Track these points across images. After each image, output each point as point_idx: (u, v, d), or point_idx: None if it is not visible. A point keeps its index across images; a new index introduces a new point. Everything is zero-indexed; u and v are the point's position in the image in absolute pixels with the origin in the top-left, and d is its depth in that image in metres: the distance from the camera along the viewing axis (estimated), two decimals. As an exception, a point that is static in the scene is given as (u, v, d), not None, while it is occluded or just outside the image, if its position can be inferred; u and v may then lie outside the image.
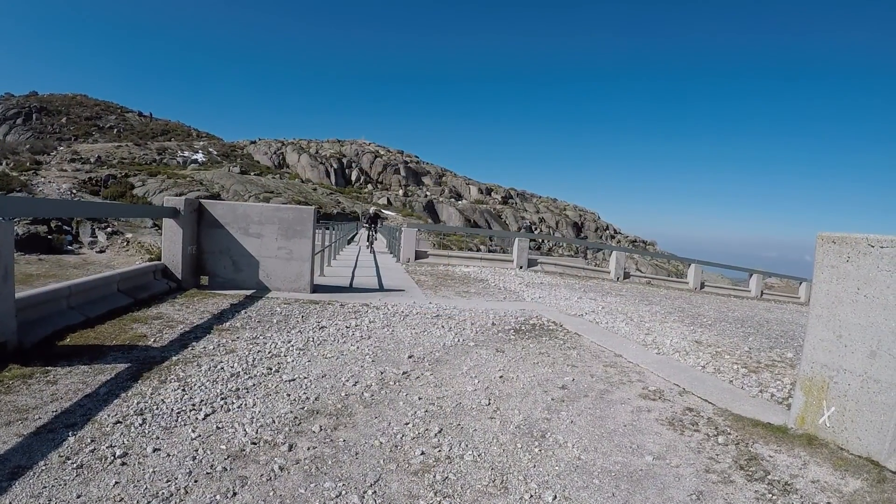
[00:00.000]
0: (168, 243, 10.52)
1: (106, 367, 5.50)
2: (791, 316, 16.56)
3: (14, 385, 4.85)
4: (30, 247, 20.83)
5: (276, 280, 11.12)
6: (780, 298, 27.02)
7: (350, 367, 6.18)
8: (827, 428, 4.69)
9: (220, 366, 5.82)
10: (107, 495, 3.26)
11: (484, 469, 3.94)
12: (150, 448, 3.87)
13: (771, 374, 7.29)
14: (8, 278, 5.61)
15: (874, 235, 4.49)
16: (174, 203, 10.43)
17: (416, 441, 4.35)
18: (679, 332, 10.06)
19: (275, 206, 11.46)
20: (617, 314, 11.72)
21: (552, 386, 6.01)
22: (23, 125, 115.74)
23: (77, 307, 7.38)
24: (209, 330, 7.36)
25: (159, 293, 9.58)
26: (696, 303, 17.10)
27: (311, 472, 3.72)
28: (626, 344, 8.44)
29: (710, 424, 5.12)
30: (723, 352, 8.54)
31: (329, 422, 4.61)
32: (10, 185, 38.67)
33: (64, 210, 16.49)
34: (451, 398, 5.37)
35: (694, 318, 12.70)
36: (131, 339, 6.61)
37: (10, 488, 3.25)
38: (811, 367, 4.88)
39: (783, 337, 11.10)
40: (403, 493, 3.55)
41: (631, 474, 4.02)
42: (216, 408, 4.71)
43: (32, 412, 4.33)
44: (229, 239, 10.98)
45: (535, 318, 9.98)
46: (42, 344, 6.13)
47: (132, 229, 29.52)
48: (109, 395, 4.80)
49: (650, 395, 5.93)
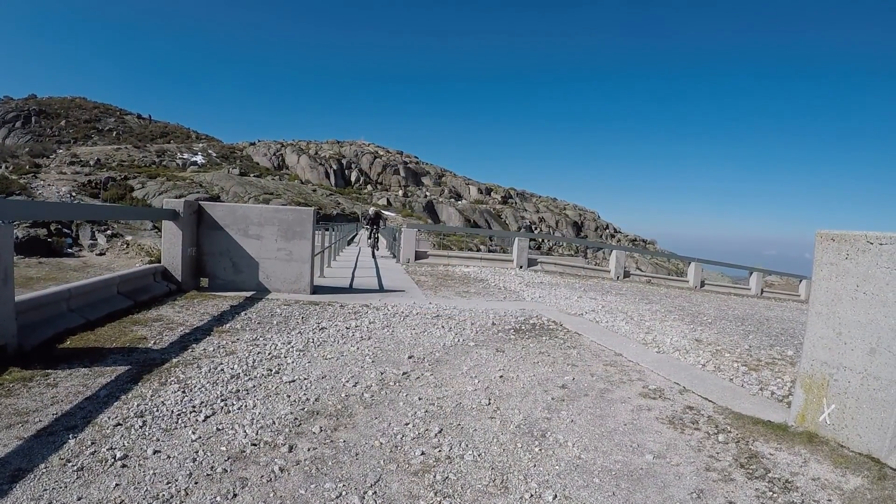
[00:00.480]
0: (168, 245, 10.52)
1: (106, 370, 5.50)
2: (791, 314, 16.57)
3: (14, 388, 4.85)
4: (30, 250, 20.84)
5: (275, 281, 11.12)
6: (780, 296, 27.02)
7: (350, 368, 6.18)
8: (827, 425, 4.69)
9: (220, 367, 5.82)
10: (107, 497, 3.26)
11: (484, 469, 3.94)
12: (150, 450, 3.87)
13: (771, 372, 7.29)
14: (8, 281, 5.61)
15: (873, 233, 4.49)
16: (174, 205, 10.43)
17: (416, 441, 4.35)
18: (679, 331, 10.06)
19: (274, 208, 11.47)
20: (617, 313, 11.72)
21: (552, 385, 6.01)
22: (22, 128, 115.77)
23: (77, 310, 7.38)
24: (209, 332, 7.36)
25: (159, 295, 9.58)
26: (696, 301, 17.11)
27: (311, 473, 3.72)
28: (626, 343, 8.43)
29: (711, 423, 5.12)
30: (723, 350, 8.54)
31: (329, 423, 4.61)
32: (10, 188, 38.70)
33: (63, 213, 16.50)
34: (452, 398, 5.37)
35: (694, 316, 12.70)
36: (131, 342, 6.62)
37: (10, 491, 3.25)
38: (811, 365, 4.89)
39: (783, 335, 11.11)
40: (404, 493, 3.55)
41: (631, 473, 4.02)
42: (216, 409, 4.71)
43: (33, 415, 4.33)
44: (229, 241, 10.97)
45: (536, 318, 9.99)
46: (42, 347, 6.13)
47: (132, 231, 29.54)
48: (110, 397, 4.80)
49: (650, 393, 5.93)
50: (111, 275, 9.10)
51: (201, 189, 60.86)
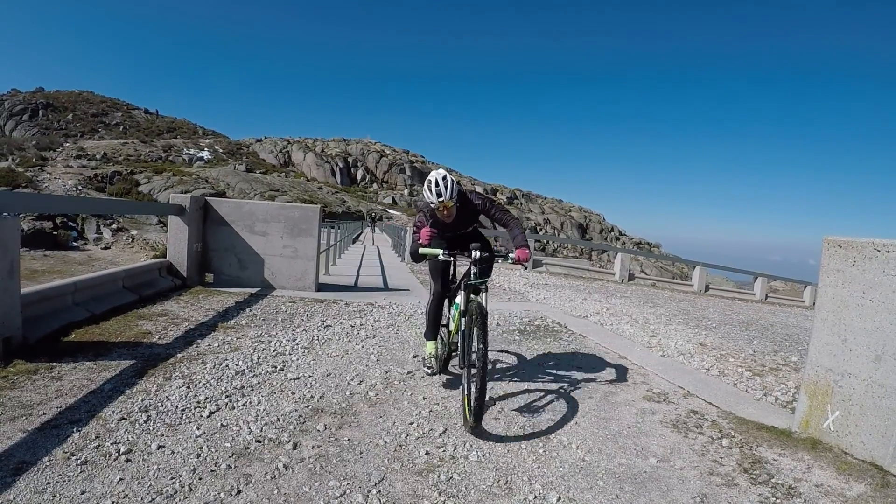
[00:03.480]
0: (173, 240, 10.55)
1: (111, 364, 5.52)
2: (796, 319, 16.52)
3: (19, 381, 4.87)
4: (35, 243, 20.86)
5: (281, 278, 11.15)
6: (785, 302, 26.94)
7: (355, 366, 6.20)
8: (831, 432, 4.68)
9: (224, 363, 5.84)
10: (111, 492, 3.27)
11: (488, 469, 3.94)
12: (154, 445, 3.88)
13: (775, 378, 7.28)
14: (14, 274, 5.63)
15: (880, 239, 4.48)
16: (180, 200, 10.46)
17: (420, 441, 4.35)
18: (684, 335, 10.05)
19: (280, 205, 11.50)
20: (622, 316, 11.71)
21: (557, 387, 6.01)
22: (29, 121, 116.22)
23: (82, 304, 7.41)
24: (214, 328, 7.38)
25: (164, 290, 9.61)
26: (700, 305, 17.07)
27: (315, 471, 3.72)
28: (630, 346, 8.42)
29: (715, 427, 5.11)
30: (727, 355, 8.53)
31: (334, 420, 4.62)
32: (16, 181, 38.79)
33: (69, 206, 16.55)
34: (456, 398, 5.36)
35: (699, 320, 12.68)
36: (136, 336, 6.63)
37: (14, 484, 3.25)
38: (816, 371, 4.87)
39: (788, 340, 11.08)
40: (408, 492, 3.55)
41: (635, 476, 4.01)
42: (221, 405, 4.72)
43: (37, 408, 4.34)
44: (235, 237, 11.00)
45: (540, 319, 9.98)
46: (47, 340, 6.15)
47: (137, 226, 29.56)
48: (114, 391, 4.82)
49: (654, 397, 5.92)
50: (116, 269, 9.14)
51: (207, 185, 61.01)
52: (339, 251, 20.10)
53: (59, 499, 3.16)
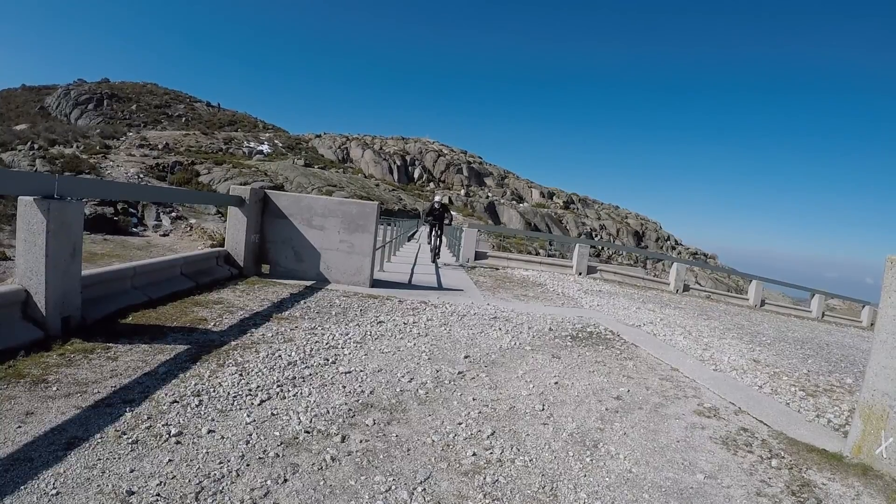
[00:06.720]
0: (232, 231, 10.74)
1: (166, 348, 5.64)
2: (852, 340, 16.08)
3: (75, 359, 5.01)
4: (96, 227, 21.32)
5: (336, 272, 11.25)
6: (842, 321, 26.30)
7: (406, 364, 6.21)
8: (884, 459, 4.53)
9: (277, 353, 5.91)
10: (159, 472, 3.34)
11: (534, 475, 3.91)
12: (204, 429, 3.95)
13: (829, 399, 7.09)
14: (76, 256, 5.80)
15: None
16: (240, 192, 10.64)
17: (468, 442, 4.34)
18: (737, 350, 9.85)
19: (338, 200, 11.58)
20: (675, 327, 11.53)
21: (607, 396, 5.94)
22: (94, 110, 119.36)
23: (140, 287, 7.58)
24: (268, 317, 7.48)
25: (221, 279, 9.78)
26: (755, 320, 16.72)
27: (362, 465, 3.74)
28: (683, 358, 8.29)
29: (765, 446, 5.00)
30: (780, 373, 8.33)
31: (383, 416, 4.64)
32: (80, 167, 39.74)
33: (131, 193, 16.93)
34: (506, 401, 5.35)
35: (753, 335, 12.42)
36: (192, 322, 6.76)
37: (65, 458, 3.35)
38: (871, 395, 4.72)
39: (843, 361, 10.79)
40: (453, 492, 3.54)
41: (681, 491, 3.94)
42: (272, 394, 4.78)
43: (92, 386, 4.46)
44: (292, 230, 11.14)
45: (593, 326, 9.88)
46: (104, 321, 6.31)
47: (196, 215, 30.06)
48: (168, 374, 4.92)
49: (705, 412, 5.81)
50: (175, 256, 9.32)
51: (266, 178, 61.76)
52: (394, 248, 20.22)
53: (108, 475, 3.24)
